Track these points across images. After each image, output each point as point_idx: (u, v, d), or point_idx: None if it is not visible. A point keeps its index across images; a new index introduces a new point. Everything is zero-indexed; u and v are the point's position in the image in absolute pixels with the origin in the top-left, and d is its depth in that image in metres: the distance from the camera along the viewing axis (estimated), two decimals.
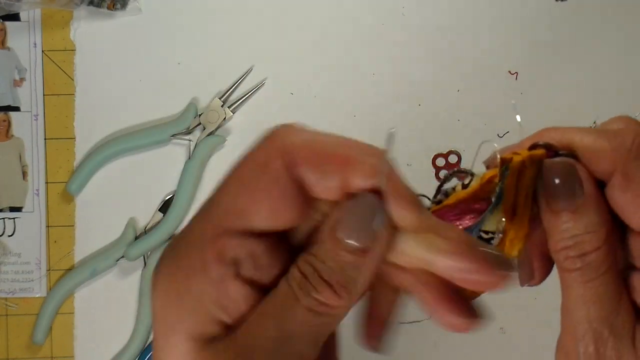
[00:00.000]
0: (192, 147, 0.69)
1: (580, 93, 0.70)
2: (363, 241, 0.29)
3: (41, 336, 0.69)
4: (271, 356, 0.29)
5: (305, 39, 0.70)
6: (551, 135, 0.34)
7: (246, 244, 0.30)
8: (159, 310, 0.30)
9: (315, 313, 0.29)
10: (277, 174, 0.30)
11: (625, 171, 0.31)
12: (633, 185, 0.31)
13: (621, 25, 0.70)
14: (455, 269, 0.28)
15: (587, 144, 0.32)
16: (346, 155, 0.30)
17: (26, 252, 0.70)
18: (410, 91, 0.70)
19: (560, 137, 0.33)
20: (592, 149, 0.32)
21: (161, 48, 0.70)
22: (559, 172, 0.32)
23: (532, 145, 0.34)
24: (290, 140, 0.30)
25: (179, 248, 0.31)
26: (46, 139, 0.70)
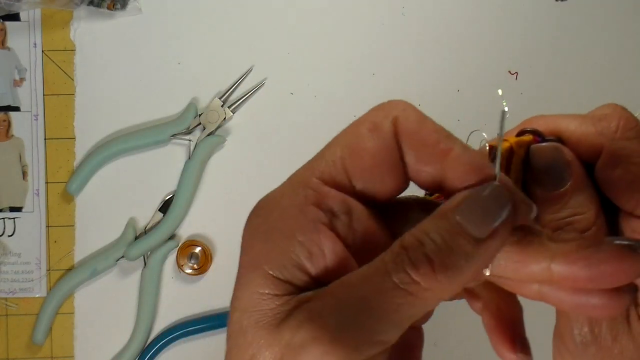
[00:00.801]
0: (192, 147, 0.69)
1: (580, 93, 0.70)
2: (482, 232, 0.28)
3: (41, 336, 0.69)
4: (343, 330, 0.27)
5: (305, 39, 0.70)
6: (538, 122, 0.34)
7: (345, 199, 0.29)
8: (246, 243, 0.30)
9: (404, 292, 0.27)
10: (386, 138, 0.30)
11: (611, 152, 0.31)
12: (620, 165, 0.31)
13: (621, 25, 0.70)
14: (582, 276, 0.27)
15: (573, 129, 0.32)
16: (448, 148, 0.30)
17: (26, 252, 0.70)
18: (410, 91, 0.70)
19: (547, 123, 0.33)
20: (578, 133, 0.32)
21: (161, 48, 0.70)
22: (546, 156, 0.33)
23: (520, 132, 0.34)
24: (404, 114, 0.31)
25: (281, 188, 0.30)
26: (46, 139, 0.70)
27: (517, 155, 0.33)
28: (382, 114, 0.30)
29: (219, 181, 0.70)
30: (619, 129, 0.31)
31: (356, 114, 0.34)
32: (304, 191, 0.29)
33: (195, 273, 0.70)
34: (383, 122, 0.31)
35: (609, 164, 0.31)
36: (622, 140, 0.31)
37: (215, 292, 0.70)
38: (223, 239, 0.70)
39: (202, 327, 0.69)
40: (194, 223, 0.70)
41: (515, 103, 0.70)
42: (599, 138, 0.31)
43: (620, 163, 0.31)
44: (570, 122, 0.33)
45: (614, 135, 0.31)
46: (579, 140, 0.32)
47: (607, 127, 0.32)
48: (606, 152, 0.31)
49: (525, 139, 0.33)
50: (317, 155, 0.31)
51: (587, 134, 0.32)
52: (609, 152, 0.31)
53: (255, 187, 0.71)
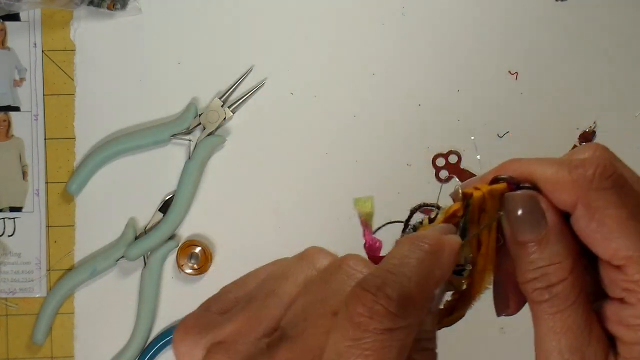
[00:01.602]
0: (192, 147, 0.69)
1: (580, 93, 0.70)
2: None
3: (41, 336, 0.69)
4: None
5: (305, 39, 0.70)
6: (514, 167, 0.33)
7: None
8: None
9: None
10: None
11: (587, 202, 0.31)
12: (596, 216, 0.31)
13: (621, 25, 0.70)
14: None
15: (548, 176, 0.32)
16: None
17: (26, 252, 0.70)
18: (410, 91, 0.70)
19: (522, 169, 0.33)
20: (553, 181, 0.32)
21: (161, 48, 0.70)
22: (521, 204, 0.32)
23: (494, 178, 0.33)
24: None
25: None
26: (46, 139, 0.70)
27: (490, 203, 0.33)
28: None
29: (219, 181, 0.70)
30: (595, 178, 0.31)
31: (356, 114, 0.34)
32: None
33: (195, 273, 0.70)
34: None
35: (585, 215, 0.31)
36: (598, 190, 0.31)
37: (215, 292, 0.70)
38: (223, 239, 0.70)
39: None
40: (194, 223, 0.70)
41: (515, 103, 0.70)
42: (575, 187, 0.31)
43: (595, 214, 0.31)
44: (547, 168, 0.32)
45: (590, 185, 0.31)
46: (554, 188, 0.32)
47: (583, 176, 0.31)
48: (581, 203, 0.31)
49: (498, 187, 0.33)
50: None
51: (562, 182, 0.31)
52: (584, 203, 0.31)
53: (255, 187, 0.71)
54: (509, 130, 0.70)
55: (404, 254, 0.31)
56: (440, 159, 0.70)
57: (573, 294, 0.31)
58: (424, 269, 0.30)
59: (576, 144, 0.70)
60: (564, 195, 0.31)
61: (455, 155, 0.70)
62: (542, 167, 0.32)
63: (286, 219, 0.70)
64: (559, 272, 0.31)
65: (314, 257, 0.34)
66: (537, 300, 0.32)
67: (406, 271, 0.30)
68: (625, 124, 0.70)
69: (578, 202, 0.31)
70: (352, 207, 0.73)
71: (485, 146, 0.70)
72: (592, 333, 0.31)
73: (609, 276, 0.31)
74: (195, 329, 0.33)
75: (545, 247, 0.32)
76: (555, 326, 0.32)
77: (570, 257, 0.32)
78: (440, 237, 0.32)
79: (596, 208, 0.30)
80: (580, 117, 0.70)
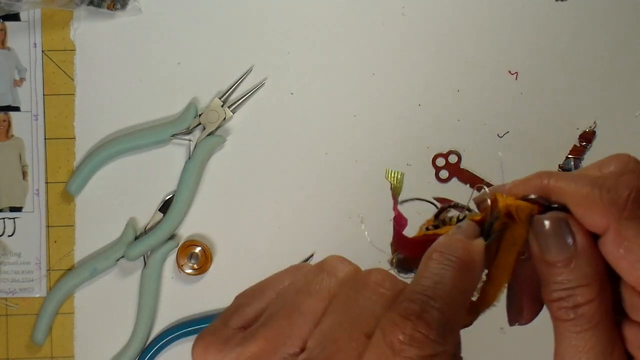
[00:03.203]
0: (192, 147, 0.69)
1: (580, 93, 0.70)
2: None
3: (41, 336, 0.69)
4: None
5: (305, 39, 0.70)
6: (543, 182, 0.33)
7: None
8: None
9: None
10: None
11: (618, 229, 0.31)
12: (625, 244, 0.30)
13: (621, 25, 0.70)
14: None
15: (579, 197, 0.32)
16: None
17: (26, 252, 0.70)
18: (410, 91, 0.70)
19: (553, 185, 0.33)
20: (584, 203, 0.31)
21: (161, 48, 0.70)
22: (551, 226, 0.32)
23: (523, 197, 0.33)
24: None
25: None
26: (46, 139, 0.70)
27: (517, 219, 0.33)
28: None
29: (219, 181, 0.70)
30: (628, 205, 0.31)
31: (356, 114, 0.34)
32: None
33: (195, 273, 0.70)
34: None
35: (614, 241, 0.31)
36: (630, 219, 0.30)
37: (215, 292, 0.70)
38: (223, 239, 0.70)
39: (202, 327, 0.69)
40: (194, 223, 0.70)
41: (515, 103, 0.70)
42: (606, 213, 0.31)
43: (624, 242, 0.30)
44: (579, 187, 0.32)
45: (622, 212, 0.30)
46: (585, 211, 0.31)
47: (616, 201, 0.31)
48: (612, 229, 0.31)
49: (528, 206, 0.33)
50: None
51: (594, 206, 0.31)
52: (615, 229, 0.31)
53: (255, 187, 0.71)
54: (509, 130, 0.70)
55: (436, 272, 0.31)
56: (440, 159, 0.70)
57: (598, 315, 0.31)
58: (458, 289, 0.30)
59: (576, 144, 0.70)
60: (595, 219, 0.31)
61: (455, 155, 0.70)
62: (574, 186, 0.32)
63: (286, 219, 0.70)
64: (586, 293, 0.31)
65: (334, 267, 0.33)
66: (562, 319, 0.32)
67: (441, 293, 0.30)
68: (625, 124, 0.70)
69: (609, 226, 0.31)
70: (352, 206, 0.74)
71: (485, 146, 0.70)
72: (614, 353, 0.31)
73: (632, 301, 0.31)
74: (217, 346, 0.32)
75: (574, 268, 0.32)
76: (578, 345, 0.32)
77: (598, 280, 0.31)
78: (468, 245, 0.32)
79: (625, 236, 0.30)
80: (580, 117, 0.70)
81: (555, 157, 0.70)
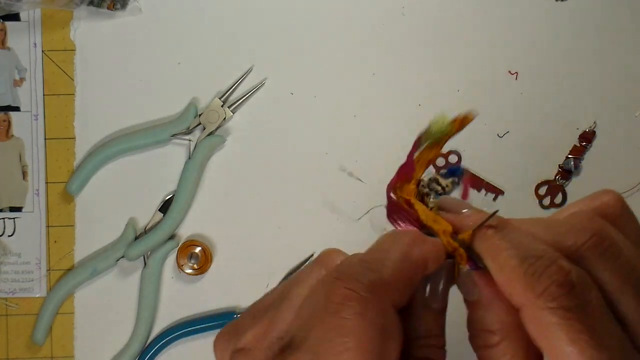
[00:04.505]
0: (192, 147, 0.69)
1: (580, 93, 0.70)
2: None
3: (41, 336, 0.69)
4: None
5: (305, 39, 0.70)
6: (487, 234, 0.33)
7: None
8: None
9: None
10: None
11: (532, 313, 0.31)
12: (540, 328, 0.30)
13: (621, 25, 0.70)
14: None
15: (505, 269, 0.32)
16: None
17: (26, 252, 0.70)
18: (410, 91, 0.70)
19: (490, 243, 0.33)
20: (507, 278, 0.32)
21: (161, 48, 0.70)
22: (462, 276, 0.34)
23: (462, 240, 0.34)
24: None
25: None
26: (46, 139, 0.70)
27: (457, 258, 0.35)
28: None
29: (219, 181, 0.70)
30: (544, 295, 0.30)
31: (356, 114, 0.34)
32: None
33: (195, 273, 0.70)
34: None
35: (529, 321, 0.31)
36: (542, 309, 0.30)
37: (215, 292, 0.70)
38: (223, 239, 0.70)
39: (202, 327, 0.69)
40: (194, 223, 0.70)
41: (515, 103, 0.70)
42: (523, 293, 0.31)
43: (538, 326, 0.31)
44: (509, 258, 0.32)
45: (536, 300, 0.30)
46: (505, 282, 0.32)
47: (535, 287, 0.30)
48: (527, 310, 0.31)
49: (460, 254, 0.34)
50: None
51: (514, 283, 0.31)
52: (530, 312, 0.31)
53: (255, 187, 0.71)
54: (509, 130, 0.70)
55: (383, 246, 0.33)
56: (440, 159, 0.70)
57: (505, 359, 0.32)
58: (400, 259, 0.32)
59: (576, 144, 0.70)
60: (513, 294, 0.31)
61: (455, 155, 0.70)
62: (506, 256, 0.32)
63: (286, 219, 0.70)
64: (492, 337, 0.33)
65: (327, 257, 0.35)
66: (478, 356, 0.34)
67: (382, 260, 0.32)
68: (625, 124, 0.70)
69: (524, 307, 0.31)
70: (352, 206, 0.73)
71: (485, 146, 0.70)
72: None
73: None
74: (226, 336, 0.35)
75: (480, 312, 0.33)
76: None
77: (502, 330, 0.33)
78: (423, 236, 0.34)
79: (540, 322, 0.30)
80: (580, 117, 0.70)
81: (555, 157, 0.70)
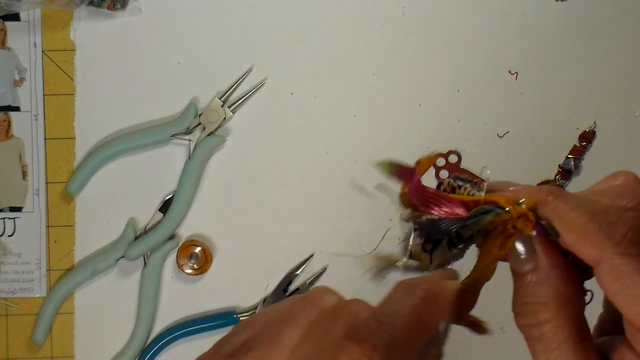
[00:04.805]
0: (192, 147, 0.69)
1: (580, 93, 0.70)
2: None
3: (41, 336, 0.69)
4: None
5: (305, 39, 0.70)
6: (548, 198, 0.33)
7: None
8: None
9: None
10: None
11: (612, 263, 0.30)
12: (621, 279, 0.30)
13: (621, 25, 0.70)
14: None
15: (576, 226, 0.31)
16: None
17: (26, 252, 0.70)
18: (410, 91, 0.70)
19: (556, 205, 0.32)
20: (580, 233, 0.31)
21: (161, 48, 0.70)
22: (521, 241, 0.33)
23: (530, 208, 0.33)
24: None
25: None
26: (46, 139, 0.70)
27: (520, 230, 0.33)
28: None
29: (219, 181, 0.70)
30: (624, 241, 0.30)
31: (356, 114, 0.34)
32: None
33: (195, 273, 0.70)
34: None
35: (609, 275, 0.31)
36: (624, 255, 0.30)
37: (215, 292, 0.70)
38: (223, 239, 0.70)
39: (202, 327, 0.69)
40: (194, 223, 0.70)
41: (515, 103, 0.70)
42: (602, 245, 0.31)
43: (619, 277, 0.30)
44: (578, 217, 0.31)
45: (617, 248, 0.30)
46: (579, 241, 0.31)
47: (613, 235, 0.30)
48: (606, 263, 0.31)
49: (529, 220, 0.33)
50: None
51: (590, 237, 0.31)
52: (609, 263, 0.30)
53: (255, 187, 0.71)
54: (509, 130, 0.70)
55: (396, 301, 0.31)
56: (440, 159, 0.70)
57: (561, 336, 0.31)
58: (415, 319, 0.31)
59: (576, 144, 0.70)
60: (588, 249, 0.31)
61: (455, 155, 0.70)
62: (573, 214, 0.32)
63: (286, 219, 0.70)
64: (543, 313, 0.32)
65: (317, 297, 0.34)
66: (528, 337, 0.32)
67: (396, 321, 0.30)
68: (625, 124, 0.70)
69: (602, 260, 0.31)
70: (352, 206, 0.73)
71: (485, 146, 0.70)
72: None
73: (630, 333, 0.31)
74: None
75: (532, 285, 0.32)
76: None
77: (555, 304, 0.32)
78: (438, 283, 0.32)
79: (621, 271, 0.30)
80: (580, 117, 0.70)
81: (555, 157, 0.70)
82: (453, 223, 0.34)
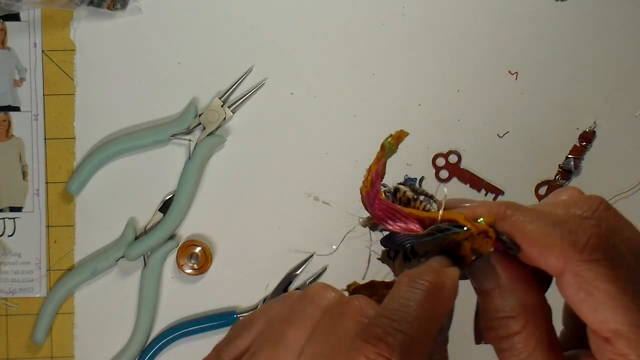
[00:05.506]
0: (192, 147, 0.69)
1: (580, 93, 0.70)
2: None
3: (41, 336, 0.69)
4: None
5: (305, 39, 0.70)
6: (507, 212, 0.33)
7: None
8: None
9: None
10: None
11: (575, 271, 0.30)
12: (584, 286, 0.30)
13: (621, 25, 0.70)
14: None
15: (538, 238, 0.31)
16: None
17: (26, 252, 0.70)
18: (410, 91, 0.70)
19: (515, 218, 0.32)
20: (543, 244, 0.31)
21: (161, 48, 0.70)
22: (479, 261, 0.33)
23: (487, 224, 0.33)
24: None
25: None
26: (46, 139, 0.70)
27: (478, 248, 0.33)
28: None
29: (219, 181, 0.70)
30: (587, 248, 0.30)
31: (356, 114, 0.34)
32: None
33: (195, 273, 0.70)
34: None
35: (573, 284, 0.30)
36: (587, 262, 0.30)
37: (215, 292, 0.70)
38: (223, 239, 0.70)
39: (202, 327, 0.69)
40: (194, 223, 0.70)
41: (515, 103, 0.70)
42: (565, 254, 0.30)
43: (583, 285, 0.30)
44: (539, 228, 0.31)
45: (580, 255, 0.30)
46: (542, 252, 0.31)
47: (575, 243, 0.30)
48: (569, 271, 0.30)
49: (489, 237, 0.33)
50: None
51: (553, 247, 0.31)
52: (573, 272, 0.30)
53: (255, 187, 0.71)
54: (509, 130, 0.70)
55: (403, 296, 0.31)
56: (440, 159, 0.70)
57: (531, 345, 0.32)
58: (425, 312, 0.31)
59: (576, 144, 0.70)
60: (552, 260, 0.31)
61: (455, 155, 0.70)
62: (534, 226, 0.31)
63: (286, 218, 0.70)
64: (512, 325, 0.32)
65: (317, 294, 0.34)
66: (498, 349, 0.32)
67: (407, 317, 0.30)
68: (625, 124, 0.70)
69: (566, 270, 0.30)
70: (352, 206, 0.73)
71: (485, 146, 0.70)
72: None
73: (595, 343, 0.31)
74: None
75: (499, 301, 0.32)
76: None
77: (524, 315, 0.32)
78: (440, 272, 0.32)
79: (584, 279, 0.30)
80: (580, 117, 0.70)
81: (555, 157, 0.70)
82: (408, 238, 0.34)
